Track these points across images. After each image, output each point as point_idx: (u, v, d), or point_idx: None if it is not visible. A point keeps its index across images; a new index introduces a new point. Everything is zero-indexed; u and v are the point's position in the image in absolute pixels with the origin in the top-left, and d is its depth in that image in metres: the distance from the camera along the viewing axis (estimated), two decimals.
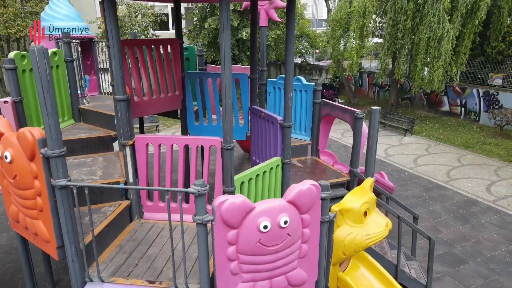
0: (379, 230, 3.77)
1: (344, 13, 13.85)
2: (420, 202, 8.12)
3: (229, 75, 3.83)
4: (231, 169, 4.13)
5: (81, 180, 4.44)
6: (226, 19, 3.66)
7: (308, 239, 3.47)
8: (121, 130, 4.19)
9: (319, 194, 3.36)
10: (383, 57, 14.10)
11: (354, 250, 3.68)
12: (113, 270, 3.56)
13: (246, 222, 3.10)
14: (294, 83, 6.85)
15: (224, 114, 3.99)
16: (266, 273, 3.35)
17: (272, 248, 3.23)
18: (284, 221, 3.17)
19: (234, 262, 3.21)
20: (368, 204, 3.81)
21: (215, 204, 2.99)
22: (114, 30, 3.89)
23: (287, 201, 3.22)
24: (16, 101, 4.77)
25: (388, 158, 11.07)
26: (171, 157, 4.33)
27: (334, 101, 19.39)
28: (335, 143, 12.79)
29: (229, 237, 3.09)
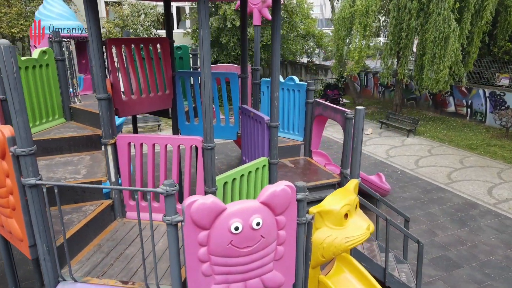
0: (360, 233, 3.68)
1: (347, 12, 13.69)
2: (418, 204, 7.97)
3: (208, 74, 3.78)
4: (212, 169, 4.08)
5: (64, 178, 4.43)
6: (204, 18, 3.61)
7: (284, 241, 3.40)
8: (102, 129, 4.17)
9: (294, 195, 3.28)
10: (386, 57, 13.92)
11: (334, 253, 3.60)
12: (88, 270, 3.53)
13: (217, 223, 3.04)
14: (287, 83, 6.78)
15: (204, 114, 3.94)
16: (240, 275, 3.29)
17: (244, 250, 3.17)
18: (257, 223, 3.11)
19: (206, 264, 3.15)
20: (349, 206, 3.72)
21: (185, 204, 2.94)
22: (94, 28, 3.87)
23: (260, 202, 3.16)
24: (2, 99, 4.78)
25: (389, 159, 10.91)
26: (152, 156, 4.29)
27: (338, 101, 19.31)
28: (336, 144, 12.66)
29: (200, 238, 3.03)
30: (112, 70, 5.24)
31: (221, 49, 16.37)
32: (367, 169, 10.00)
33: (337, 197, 3.81)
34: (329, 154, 11.43)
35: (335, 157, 11.16)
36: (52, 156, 5.17)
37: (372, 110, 17.74)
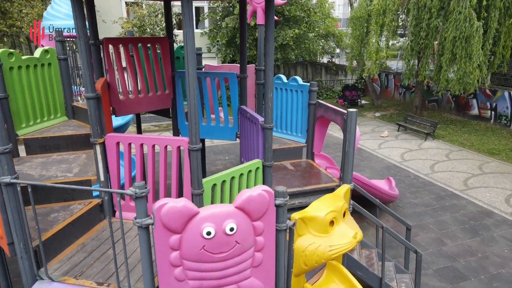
0: (345, 242, 3.50)
1: (364, 11, 13.34)
2: (428, 211, 7.63)
3: (193, 74, 3.70)
4: (198, 171, 4.00)
5: (55, 176, 4.47)
6: (188, 17, 3.53)
7: (262, 247, 3.28)
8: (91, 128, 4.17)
9: (272, 200, 3.15)
10: (407, 57, 13.48)
11: (316, 262, 3.44)
12: (67, 269, 3.53)
13: (189, 227, 2.95)
14: (290, 83, 6.62)
15: (189, 114, 3.87)
16: (215, 281, 3.19)
17: (218, 255, 3.07)
18: (230, 228, 3.00)
19: (178, 268, 3.07)
20: (335, 213, 3.55)
21: (155, 207, 2.87)
22: (81, 27, 3.86)
23: (235, 207, 3.05)
24: (0, 97, 4.88)
25: (403, 163, 10.53)
26: (141, 156, 4.26)
27: (356, 103, 18.88)
28: None
29: (171, 242, 2.95)
30: (109, 69, 5.26)
31: (237, 48, 16.30)
32: (379, 173, 9.70)
33: (323, 203, 3.65)
34: (340, 156, 11.16)
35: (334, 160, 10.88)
36: (49, 154, 5.24)
37: (391, 112, 17.25)
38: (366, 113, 17.49)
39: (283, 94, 6.75)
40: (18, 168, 4.73)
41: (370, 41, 13.31)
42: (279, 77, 6.75)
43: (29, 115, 5.43)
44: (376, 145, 12.29)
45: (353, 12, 13.96)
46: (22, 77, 5.27)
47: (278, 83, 6.77)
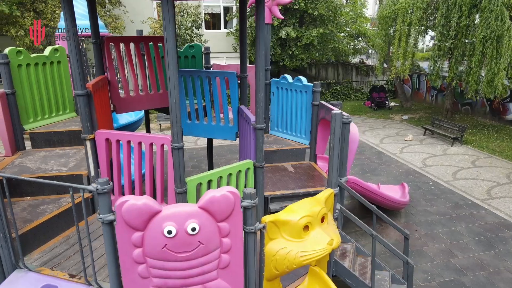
0: (319, 248, 3.37)
1: (390, 10, 12.86)
2: (442, 220, 7.23)
3: (174, 74, 3.72)
4: (180, 169, 4.01)
5: (50, 170, 4.64)
6: (168, 17, 3.54)
7: (229, 249, 3.23)
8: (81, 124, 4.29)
9: (238, 202, 3.09)
10: (433, 58, 12.88)
11: (287, 267, 3.33)
12: (47, 260, 3.65)
13: (151, 225, 2.95)
14: (295, 83, 6.50)
15: (171, 113, 3.89)
16: (180, 281, 3.18)
17: (181, 255, 3.05)
18: (192, 228, 2.97)
19: (142, 265, 3.08)
20: (310, 218, 3.43)
21: (116, 204, 2.90)
22: (70, 25, 3.98)
23: (199, 207, 3.02)
24: (8, 93, 5.14)
25: (424, 169, 10.06)
26: (128, 153, 4.32)
27: (385, 105, 18.27)
28: (370, 149, 11.97)
29: (134, 239, 2.97)
30: (110, 67, 5.40)
31: None
32: (395, 178, 9.33)
33: (299, 207, 3.53)
34: (359, 160, 10.85)
35: (365, 163, 10.56)
36: (52, 148, 5.45)
37: (420, 115, 16.55)
38: (393, 116, 16.90)
39: (288, 94, 6.64)
40: (20, 161, 4.98)
41: (396, 41, 12.80)
42: (285, 77, 6.65)
43: (37, 110, 5.68)
44: (398, 149, 11.83)
45: (380, 11, 13.50)
46: (30, 74, 5.52)
47: (283, 83, 6.68)
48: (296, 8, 14.89)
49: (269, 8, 6.46)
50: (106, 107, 5.07)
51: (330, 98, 21.42)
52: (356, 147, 5.36)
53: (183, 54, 7.17)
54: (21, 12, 13.34)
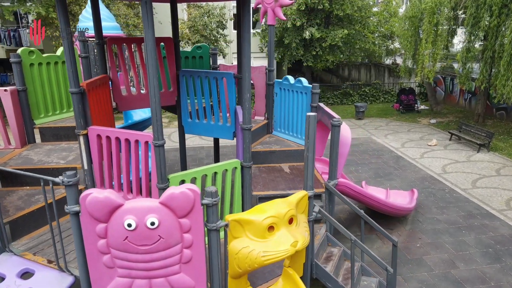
0: (281, 249, 3.39)
1: (417, 10, 12.40)
2: (450, 230, 6.93)
3: (153, 74, 3.87)
4: (162, 166, 4.16)
5: (49, 162, 4.95)
6: (147, 19, 3.69)
7: (190, 244, 3.33)
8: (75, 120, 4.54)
9: (198, 199, 3.18)
10: (462, 60, 12.30)
11: (249, 266, 3.38)
12: (32, 245, 3.92)
13: (113, 217, 3.12)
14: (295, 85, 6.48)
15: (152, 112, 4.05)
16: (143, 272, 3.32)
17: (142, 247, 3.19)
18: (151, 222, 3.11)
19: (107, 256, 3.25)
20: (275, 219, 3.46)
21: (81, 196, 3.09)
22: (64, 26, 4.23)
23: (159, 202, 3.15)
24: (19, 90, 5.53)
25: (442, 175, 9.66)
26: (116, 148, 4.52)
27: (413, 108, 17.64)
28: (390, 153, 11.63)
29: (98, 230, 3.15)
30: (112, 67, 5.66)
31: (286, 49, 16.25)
32: (409, 184, 9.03)
33: (266, 207, 3.57)
34: (375, 163, 10.58)
35: (380, 167, 10.29)
36: (58, 142, 5.81)
37: (450, 119, 15.84)
38: (421, 119, 16.28)
39: (289, 95, 6.65)
40: (26, 153, 5.35)
41: (423, 42, 12.33)
42: (287, 78, 6.65)
43: (47, 106, 6.06)
44: (419, 154, 11.41)
45: (406, 11, 13.04)
46: (42, 72, 5.90)
47: (285, 84, 6.69)
48: (320, 9, 14.74)
49: (272, 9, 6.49)
50: (106, 105, 5.32)
51: (357, 100, 20.97)
52: (348, 151, 5.27)
53: (191, 54, 7.36)
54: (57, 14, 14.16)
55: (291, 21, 14.77)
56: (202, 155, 11.52)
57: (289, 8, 14.68)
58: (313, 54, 15.76)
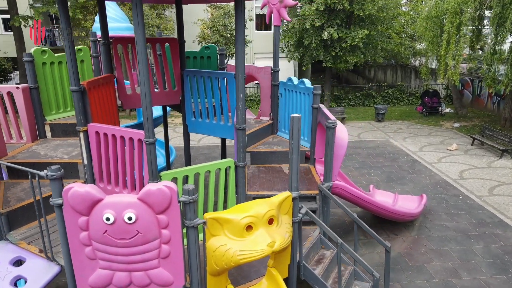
0: (258, 249, 3.42)
1: (439, 10, 11.99)
2: (458, 238, 6.70)
3: (145, 75, 3.98)
4: (153, 163, 4.28)
5: (53, 156, 5.19)
6: (138, 20, 3.81)
7: (168, 240, 3.42)
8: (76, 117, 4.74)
9: (174, 196, 3.26)
10: (487, 61, 11.81)
11: (226, 264, 3.42)
12: (28, 235, 4.13)
13: (94, 211, 3.25)
14: (299, 85, 6.46)
15: (143, 110, 4.17)
16: (123, 265, 3.44)
17: (121, 241, 3.31)
18: (129, 217, 3.22)
19: (89, 248, 3.39)
20: (254, 219, 3.49)
21: (64, 190, 3.24)
22: (65, 27, 4.42)
23: (137, 198, 3.25)
24: (31, 87, 5.83)
25: (458, 181, 9.33)
26: (113, 145, 4.68)
27: (437, 111, 17.08)
28: (406, 157, 11.34)
29: (80, 223, 3.29)
30: (117, 66, 5.86)
31: (306, 49, 16.13)
32: (422, 189, 8.78)
33: (246, 207, 3.61)
34: (388, 167, 10.33)
35: (394, 171, 10.06)
36: (67, 138, 6.07)
37: (475, 123, 15.24)
38: (444, 123, 15.76)
39: (293, 96, 6.64)
40: (35, 148, 5.62)
41: (444, 44, 11.91)
42: (291, 79, 6.65)
43: (59, 103, 6.34)
44: (436, 159, 11.05)
45: (428, 11, 12.65)
46: (54, 71, 6.18)
47: (289, 84, 6.68)
48: (340, 9, 14.53)
49: (277, 10, 6.49)
50: (109, 103, 5.51)
51: (380, 102, 20.56)
52: (344, 153, 5.21)
53: (199, 54, 7.48)
54: (83, 15, 14.77)
55: (310, 21, 14.65)
56: (216, 153, 11.64)
57: (307, 9, 14.57)
58: (333, 55, 15.57)
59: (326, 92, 18.41)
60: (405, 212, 6.57)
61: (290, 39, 16.31)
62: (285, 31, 16.85)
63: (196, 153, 11.40)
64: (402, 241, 6.64)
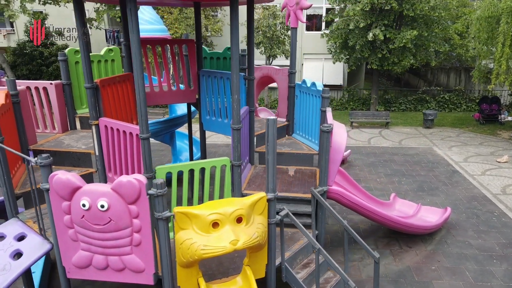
0: (220, 245, 3.54)
1: (494, 9, 10.99)
2: (480, 257, 6.19)
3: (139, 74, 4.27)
4: (147, 157, 4.58)
5: (73, 146, 5.74)
6: (132, 23, 4.10)
7: (139, 229, 3.68)
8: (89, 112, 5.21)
9: (143, 188, 3.50)
10: None
11: (190, 257, 3.59)
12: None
13: (74, 197, 3.61)
14: (311, 88, 6.40)
15: (138, 108, 4.47)
16: (100, 249, 3.77)
17: (96, 226, 3.63)
18: (101, 205, 3.52)
19: (71, 230, 3.77)
20: (220, 216, 3.62)
21: (50, 176, 3.63)
22: (80, 27, 4.85)
23: (110, 188, 3.54)
24: (64, 84, 6.47)
25: (498, 196, 8.56)
26: (118, 138, 5.06)
27: (497, 119, 15.65)
28: (447, 167, 10.62)
29: (63, 207, 3.67)
30: None
31: (353, 50, 15.69)
32: (454, 202, 8.21)
33: (216, 204, 3.74)
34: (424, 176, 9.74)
35: (428, 180, 9.48)
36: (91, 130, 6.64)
37: None
38: (501, 132, 14.43)
39: (306, 98, 6.62)
40: (62, 138, 6.25)
41: (499, 46, 10.90)
42: (305, 81, 6.62)
43: None
44: (481, 171, 10.20)
45: (482, 11, 11.63)
46: None
47: (303, 87, 6.67)
48: (388, 9, 13.92)
49: (294, 12, 6.50)
50: (125, 100, 5.93)
51: (434, 107, 19.33)
52: (341, 157, 5.08)
53: (222, 55, 7.72)
54: None
55: (354, 22, 14.24)
56: (222, 152, 11.85)
57: (352, 9, 14.18)
58: (379, 57, 14.97)
59: (373, 95, 17.74)
60: (417, 225, 6.22)
61: (336, 40, 15.98)
62: (333, 31, 16.52)
63: None
64: (415, 255, 6.30)
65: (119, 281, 3.88)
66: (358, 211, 5.62)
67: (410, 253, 6.36)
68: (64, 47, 20.85)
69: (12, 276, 3.74)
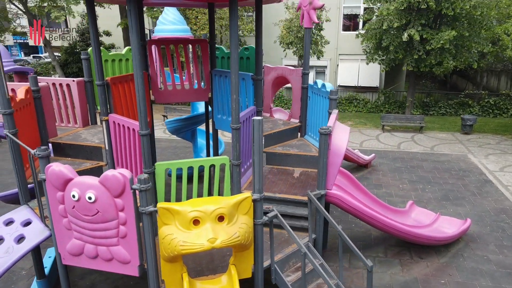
0: (199, 242, 3.59)
1: None
2: (497, 273, 5.77)
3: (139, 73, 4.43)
4: (146, 152, 4.74)
5: (86, 140, 6.05)
6: (132, 23, 4.26)
7: (125, 222, 3.84)
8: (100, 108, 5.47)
9: (127, 183, 3.64)
10: None
11: (171, 252, 3.67)
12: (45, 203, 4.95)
13: (67, 188, 3.83)
14: (322, 89, 6.30)
15: (138, 106, 4.63)
16: (90, 239, 3.98)
17: (85, 217, 3.83)
18: (89, 197, 3.71)
19: (65, 219, 4.01)
20: (201, 214, 3.67)
21: (46, 167, 3.87)
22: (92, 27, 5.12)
23: (98, 181, 3.72)
24: (86, 81, 6.84)
25: None
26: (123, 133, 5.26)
27: None
28: (479, 176, 9.98)
29: (58, 197, 3.91)
30: (151, 65, 6.50)
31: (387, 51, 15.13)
32: (479, 214, 7.71)
33: (199, 202, 3.80)
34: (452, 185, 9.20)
35: (455, 189, 8.97)
36: None
37: None
38: None
39: (317, 99, 6.55)
40: (81, 131, 6.61)
41: None
42: (316, 82, 6.53)
43: None
44: None
45: None
46: (107, 68, 7.13)
47: (315, 88, 6.60)
48: (424, 8, 13.27)
49: (307, 12, 6.41)
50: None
51: (477, 112, 18.20)
52: (341, 160, 4.94)
53: (239, 55, 7.78)
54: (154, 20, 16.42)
55: (387, 22, 13.72)
56: None
57: (385, 9, 13.67)
58: (415, 58, 14.31)
59: (409, 98, 17.01)
60: (426, 236, 5.90)
61: (370, 41, 15.50)
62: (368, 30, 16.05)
63: None
64: (425, 266, 6.00)
65: (108, 270, 4.06)
66: (359, 217, 5.45)
67: (420, 264, 6.07)
68: (111, 47, 21.98)
69: (12, 260, 4.02)
